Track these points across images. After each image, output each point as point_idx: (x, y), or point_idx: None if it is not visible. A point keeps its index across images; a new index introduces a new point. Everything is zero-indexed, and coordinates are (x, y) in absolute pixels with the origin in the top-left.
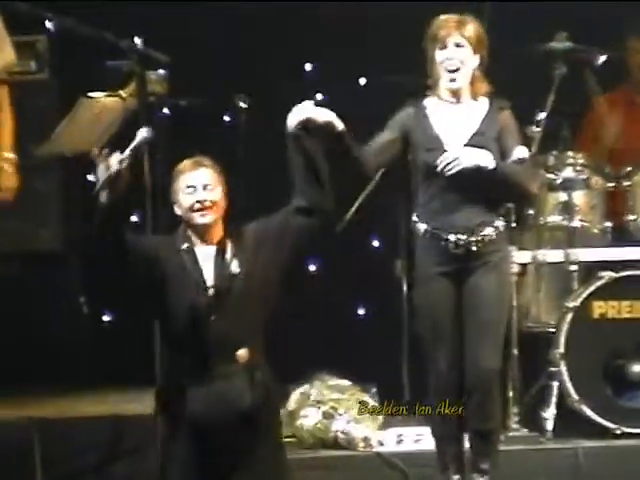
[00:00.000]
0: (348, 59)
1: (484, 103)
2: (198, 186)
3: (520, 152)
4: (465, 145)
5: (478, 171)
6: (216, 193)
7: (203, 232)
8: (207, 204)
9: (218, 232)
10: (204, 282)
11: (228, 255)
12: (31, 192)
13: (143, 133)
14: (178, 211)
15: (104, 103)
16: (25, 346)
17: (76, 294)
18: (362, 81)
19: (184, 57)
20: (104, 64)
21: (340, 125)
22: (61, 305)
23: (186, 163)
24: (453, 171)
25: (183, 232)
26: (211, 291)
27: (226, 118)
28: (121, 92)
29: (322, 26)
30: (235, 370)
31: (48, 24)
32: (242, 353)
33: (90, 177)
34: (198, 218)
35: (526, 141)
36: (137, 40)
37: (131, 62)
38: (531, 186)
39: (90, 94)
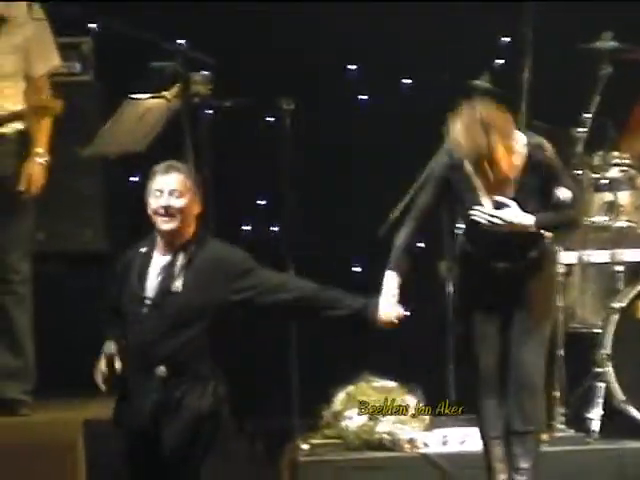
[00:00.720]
0: (391, 59)
1: (521, 151)
2: (165, 191)
3: (562, 193)
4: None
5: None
6: (183, 200)
7: (167, 238)
8: (172, 210)
9: (182, 240)
10: (144, 293)
11: (177, 269)
12: (75, 192)
13: (109, 346)
14: (149, 212)
15: (148, 104)
16: (68, 346)
17: None
18: (405, 81)
19: (228, 58)
20: (148, 65)
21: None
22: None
23: (160, 166)
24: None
25: (153, 234)
26: (147, 302)
27: (270, 119)
28: (165, 93)
29: (365, 26)
30: (152, 385)
31: (93, 25)
32: (161, 369)
33: (133, 178)
34: (161, 223)
35: (566, 160)
36: (181, 41)
37: (175, 63)
38: (574, 223)
39: (134, 95)
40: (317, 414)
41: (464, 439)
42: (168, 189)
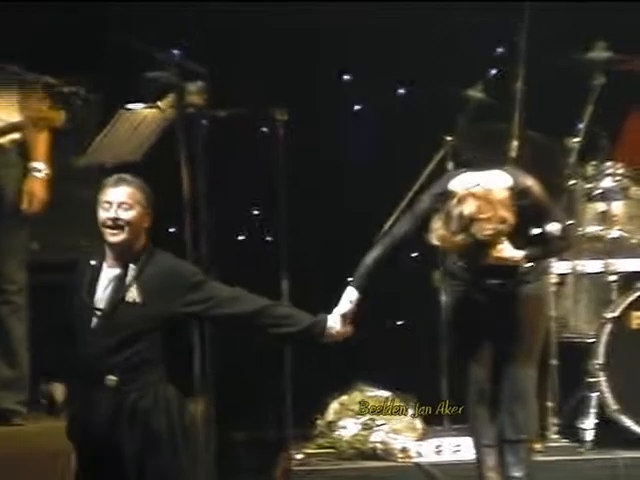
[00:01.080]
0: (384, 70)
1: (506, 193)
2: (114, 203)
3: (552, 227)
4: None
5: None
6: (132, 213)
7: (115, 250)
8: (119, 223)
9: (131, 253)
10: (93, 304)
11: (128, 280)
12: (71, 202)
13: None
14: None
15: (143, 115)
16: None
17: None
18: (399, 91)
19: (222, 69)
20: (143, 76)
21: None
22: None
23: (110, 179)
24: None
25: (103, 246)
26: (98, 314)
27: (264, 129)
28: (159, 104)
29: (359, 36)
30: (103, 396)
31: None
32: (112, 379)
33: None
34: (109, 235)
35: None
36: (175, 52)
37: (169, 74)
38: (564, 252)
39: (129, 106)
40: (311, 424)
41: (457, 448)
42: (117, 201)
